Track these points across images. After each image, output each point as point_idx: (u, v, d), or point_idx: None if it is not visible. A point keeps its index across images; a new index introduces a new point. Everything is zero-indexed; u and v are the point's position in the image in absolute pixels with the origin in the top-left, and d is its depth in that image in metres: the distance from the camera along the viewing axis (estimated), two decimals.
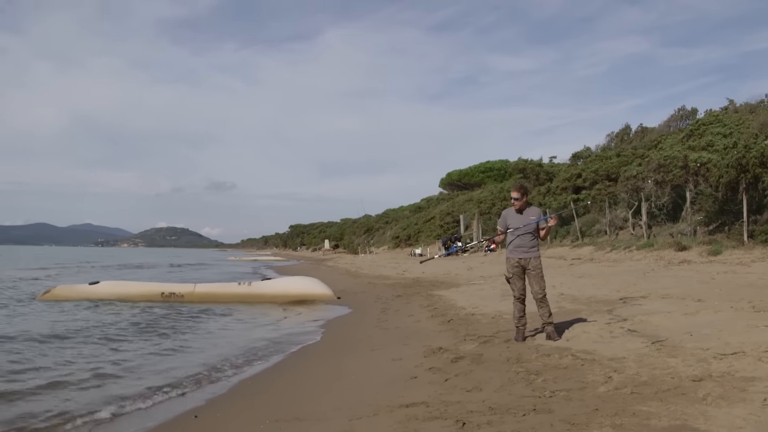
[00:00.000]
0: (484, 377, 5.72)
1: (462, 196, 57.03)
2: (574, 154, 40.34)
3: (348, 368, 7.12)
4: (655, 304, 9.24)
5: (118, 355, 8.36)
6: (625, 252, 20.12)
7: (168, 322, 11.72)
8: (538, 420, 4.30)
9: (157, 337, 9.91)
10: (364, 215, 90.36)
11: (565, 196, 30.71)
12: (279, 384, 6.63)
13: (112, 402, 5.92)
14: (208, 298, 15.58)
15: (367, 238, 73.84)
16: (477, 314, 10.36)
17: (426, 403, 4.97)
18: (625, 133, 41.44)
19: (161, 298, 15.44)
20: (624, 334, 7.17)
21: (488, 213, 39.01)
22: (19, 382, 6.64)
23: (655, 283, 12.21)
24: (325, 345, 9.22)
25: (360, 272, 28.73)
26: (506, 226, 7.59)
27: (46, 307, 14.18)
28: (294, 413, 5.16)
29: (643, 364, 5.58)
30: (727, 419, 3.99)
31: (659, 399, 4.53)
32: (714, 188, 18.81)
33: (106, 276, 24.42)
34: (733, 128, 24.73)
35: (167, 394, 6.31)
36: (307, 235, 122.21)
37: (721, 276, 12.21)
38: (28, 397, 6.05)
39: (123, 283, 16.89)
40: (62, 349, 8.68)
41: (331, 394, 5.81)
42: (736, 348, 5.70)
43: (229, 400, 5.99)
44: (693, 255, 16.52)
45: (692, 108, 36.42)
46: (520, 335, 7.49)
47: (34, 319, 12.05)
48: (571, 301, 10.74)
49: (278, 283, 16.57)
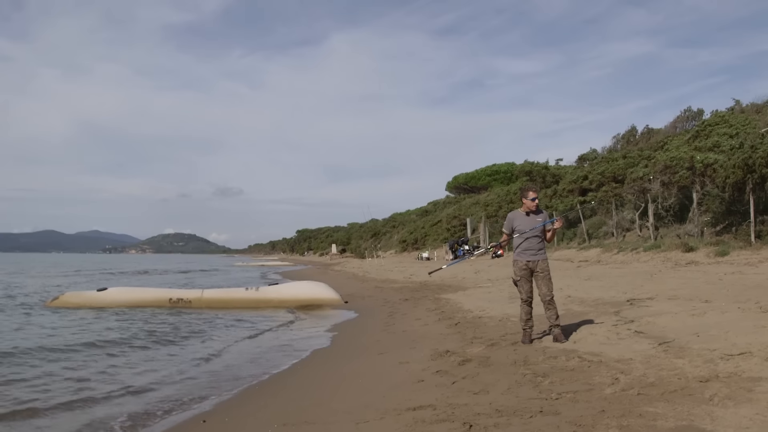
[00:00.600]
0: (491, 380, 5.74)
1: (469, 200, 57.06)
2: (580, 156, 40.33)
3: (355, 372, 7.14)
4: (662, 306, 9.23)
5: (113, 360, 8.45)
6: (632, 254, 20.08)
7: (175, 328, 11.76)
8: (544, 422, 4.32)
9: (162, 344, 9.96)
10: (371, 219, 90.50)
11: (572, 199, 30.70)
12: (287, 388, 6.65)
13: (119, 410, 5.96)
14: (216, 303, 15.63)
15: (374, 242, 73.91)
16: (484, 317, 10.37)
17: (433, 405, 4.99)
18: (631, 134, 41.35)
19: (169, 304, 15.50)
20: (631, 335, 7.18)
21: (495, 216, 38.99)
22: (36, 393, 6.69)
23: (662, 284, 12.19)
24: (333, 349, 9.24)
25: (367, 276, 28.77)
26: (512, 229, 7.60)
27: (58, 317, 14.20)
28: (302, 417, 5.18)
29: (650, 366, 5.59)
30: (734, 419, 4.00)
31: (666, 400, 4.54)
32: (721, 189, 18.76)
33: (126, 282, 24.64)
34: (740, 128, 24.65)
35: (174, 400, 6.35)
36: (314, 240, 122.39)
37: (729, 277, 12.17)
38: (47, 413, 6.05)
39: (131, 290, 16.97)
40: (71, 359, 8.74)
41: (338, 398, 5.83)
42: (743, 348, 5.70)
43: (237, 405, 6.02)
44: (700, 256, 16.48)
45: (698, 109, 36.33)
46: (527, 338, 7.50)
47: (38, 329, 12.09)
48: (578, 304, 10.73)
49: (286, 288, 16.61)
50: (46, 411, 5.90)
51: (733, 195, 18.21)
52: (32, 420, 5.64)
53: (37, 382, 7.06)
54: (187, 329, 11.61)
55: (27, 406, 6.04)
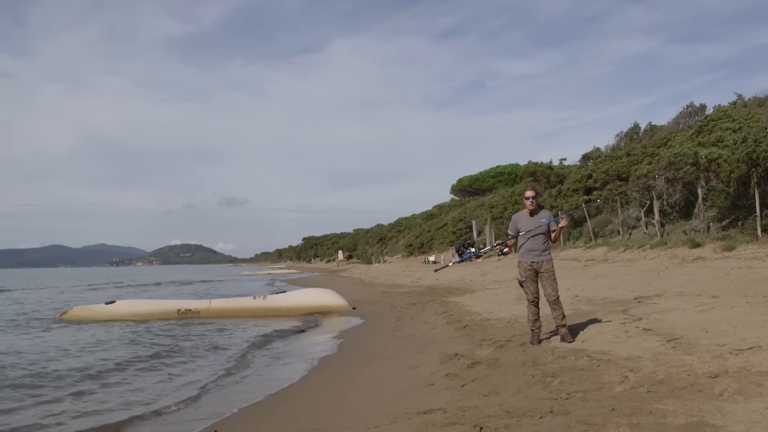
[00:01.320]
0: (500, 381, 5.75)
1: (474, 202, 57.02)
2: (584, 155, 40.24)
3: (365, 377, 7.16)
4: (669, 302, 9.22)
5: (125, 372, 8.47)
6: (639, 251, 20.03)
7: (177, 339, 11.78)
8: (555, 422, 4.32)
9: (169, 355, 9.98)
10: (377, 225, 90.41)
11: (577, 198, 30.63)
12: (298, 396, 6.67)
13: (130, 416, 6.00)
14: (224, 313, 15.67)
15: (380, 247, 73.89)
16: (492, 319, 10.38)
17: (443, 409, 5.00)
18: (634, 132, 41.29)
19: (177, 315, 15.54)
20: (639, 333, 7.18)
21: (500, 218, 38.95)
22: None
23: (669, 281, 12.17)
24: (342, 355, 9.26)
25: (374, 282, 28.78)
26: (517, 230, 7.61)
27: (70, 332, 14.23)
28: (313, 424, 5.20)
29: (659, 363, 5.59)
30: (744, 414, 4.00)
31: (676, 397, 4.54)
32: (725, 184, 18.72)
33: (135, 294, 24.72)
34: (743, 123, 24.60)
35: (186, 409, 6.38)
36: (320, 247, 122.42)
37: (736, 271, 12.14)
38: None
39: (139, 302, 17.01)
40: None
41: (349, 404, 5.85)
42: (752, 343, 5.70)
43: (249, 414, 6.04)
44: (707, 251, 16.43)
45: (701, 104, 36.28)
46: (535, 338, 7.51)
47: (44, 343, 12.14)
48: (586, 303, 10.72)
49: (293, 296, 16.64)
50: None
51: (738, 189, 18.16)
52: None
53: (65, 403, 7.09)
54: (194, 340, 11.62)
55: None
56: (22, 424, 5.96)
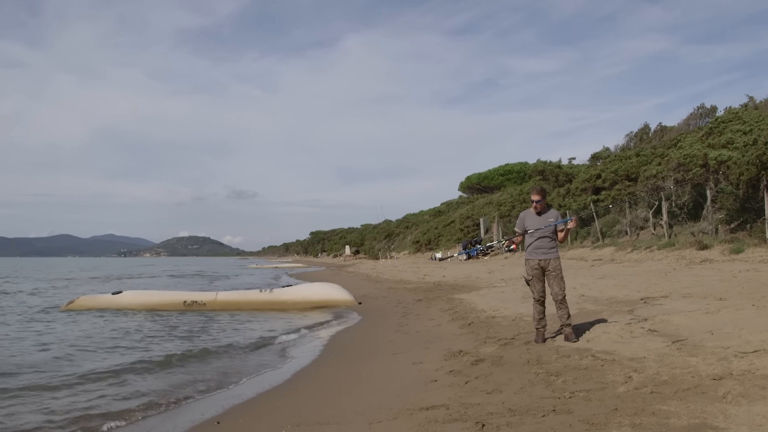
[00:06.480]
0: (504, 379, 5.75)
1: (482, 200, 56.98)
2: (593, 155, 40.09)
3: (369, 372, 7.17)
4: (676, 304, 9.20)
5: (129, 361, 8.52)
6: (646, 252, 19.98)
7: (184, 331, 11.82)
8: (557, 421, 4.32)
9: (174, 343, 10.02)
10: (385, 220, 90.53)
11: (585, 197, 30.56)
12: (300, 389, 6.69)
13: (133, 407, 6.03)
14: (230, 305, 15.71)
15: (387, 243, 73.94)
16: (497, 317, 10.37)
17: (446, 405, 5.01)
18: (644, 132, 41.15)
19: (183, 307, 15.58)
20: (644, 334, 7.16)
21: (508, 216, 38.91)
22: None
23: (676, 282, 12.13)
24: (347, 350, 9.27)
25: (381, 277, 28.80)
26: (524, 228, 7.61)
27: (74, 322, 14.33)
28: (315, 418, 5.22)
29: (664, 364, 5.58)
30: (747, 417, 3.99)
31: (679, 398, 4.53)
32: (735, 186, 18.64)
33: (144, 284, 24.89)
34: (753, 125, 24.46)
35: (188, 401, 6.41)
36: (327, 242, 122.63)
37: (743, 274, 12.10)
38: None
39: (145, 293, 17.06)
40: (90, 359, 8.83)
41: (351, 399, 5.86)
42: (757, 346, 5.68)
43: (251, 406, 6.06)
44: (714, 254, 16.38)
45: (711, 105, 36.14)
46: (540, 337, 7.51)
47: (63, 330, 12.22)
48: (592, 303, 10.70)
49: (299, 290, 16.66)
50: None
51: (747, 192, 18.09)
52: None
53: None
54: (195, 331, 11.65)
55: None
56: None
